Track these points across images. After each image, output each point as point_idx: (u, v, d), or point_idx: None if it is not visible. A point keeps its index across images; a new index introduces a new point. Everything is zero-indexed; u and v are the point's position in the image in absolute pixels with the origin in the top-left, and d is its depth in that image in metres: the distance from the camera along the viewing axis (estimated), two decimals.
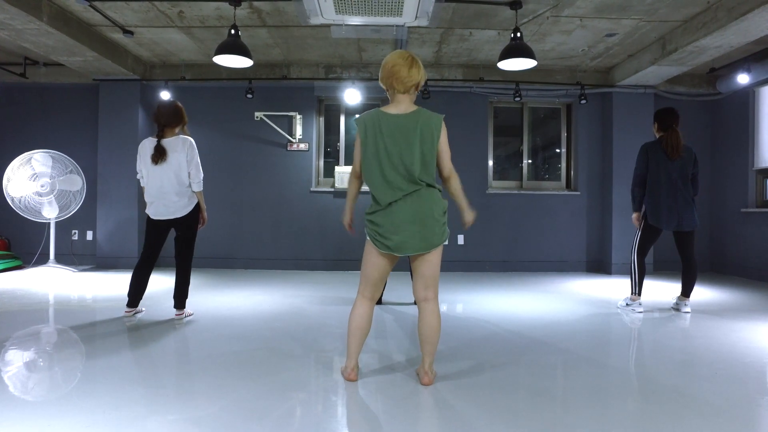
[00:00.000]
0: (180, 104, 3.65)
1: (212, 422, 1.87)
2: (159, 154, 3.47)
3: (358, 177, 2.37)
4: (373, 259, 2.29)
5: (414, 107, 2.26)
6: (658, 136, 4.07)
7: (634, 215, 4.10)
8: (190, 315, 3.72)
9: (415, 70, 2.23)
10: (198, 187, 3.58)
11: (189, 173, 3.54)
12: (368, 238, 2.29)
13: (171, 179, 3.48)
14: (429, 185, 2.23)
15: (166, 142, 3.53)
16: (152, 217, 3.55)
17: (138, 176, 3.63)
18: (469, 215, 2.36)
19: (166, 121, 3.55)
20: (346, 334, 2.33)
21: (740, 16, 4.18)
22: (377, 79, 6.51)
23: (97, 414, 1.93)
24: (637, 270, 4.03)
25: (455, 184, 2.33)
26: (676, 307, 4.09)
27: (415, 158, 2.18)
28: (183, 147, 3.53)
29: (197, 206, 3.61)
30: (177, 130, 3.61)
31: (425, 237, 2.20)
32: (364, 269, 2.33)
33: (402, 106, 2.25)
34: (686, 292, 4.03)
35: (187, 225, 3.58)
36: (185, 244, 3.60)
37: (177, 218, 3.53)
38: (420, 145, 2.19)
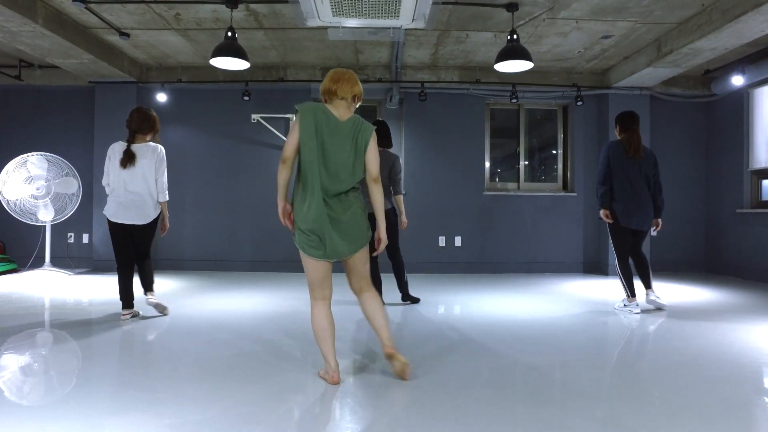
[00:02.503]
0: (154, 112, 3.68)
1: (210, 426, 1.86)
2: (128, 158, 3.50)
3: (287, 163, 2.27)
4: (310, 263, 2.34)
5: (350, 113, 2.38)
6: (619, 138, 4.14)
7: (603, 211, 4.07)
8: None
9: (357, 86, 2.39)
10: (163, 197, 3.62)
11: (156, 181, 3.57)
12: (299, 248, 2.33)
13: (138, 185, 3.51)
14: (353, 188, 2.37)
15: (136, 147, 3.56)
16: (112, 219, 3.55)
17: (104, 182, 3.60)
18: (383, 231, 2.44)
19: (137, 127, 3.59)
20: (319, 339, 2.38)
21: (735, 18, 4.20)
22: (374, 81, 6.55)
23: (93, 419, 1.92)
24: (623, 274, 4.10)
25: (377, 193, 2.39)
26: (648, 303, 4.16)
27: (347, 164, 2.30)
28: (153, 155, 3.57)
29: (159, 215, 3.66)
30: (148, 137, 3.64)
31: (354, 240, 2.33)
32: (306, 274, 2.38)
33: (341, 110, 2.35)
34: (649, 284, 4.14)
35: (146, 232, 3.62)
36: (143, 247, 3.64)
37: (137, 224, 3.55)
38: (354, 152, 2.32)
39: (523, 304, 4.46)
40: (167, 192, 3.66)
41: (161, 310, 3.77)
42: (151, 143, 3.62)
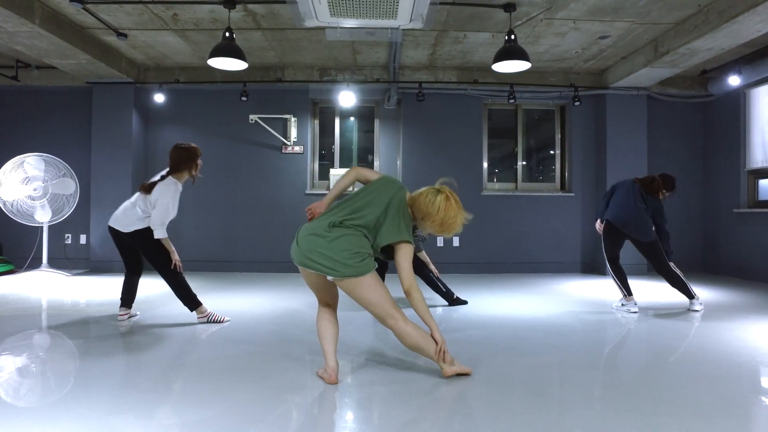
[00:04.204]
0: (195, 149, 3.53)
1: (210, 426, 1.86)
2: (145, 189, 3.44)
3: (358, 179, 2.46)
4: (300, 268, 2.36)
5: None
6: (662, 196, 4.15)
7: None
8: (204, 315, 3.61)
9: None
10: (157, 233, 3.39)
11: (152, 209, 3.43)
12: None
13: (139, 200, 3.45)
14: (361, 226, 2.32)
15: (162, 184, 3.44)
16: (108, 223, 3.56)
17: (167, 219, 3.47)
18: (437, 333, 2.39)
19: (170, 166, 3.50)
20: (320, 339, 2.44)
21: (731, 18, 4.22)
22: (372, 82, 6.56)
23: (92, 420, 1.91)
24: (615, 275, 4.13)
25: (417, 301, 2.34)
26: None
27: (376, 215, 2.36)
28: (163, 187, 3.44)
29: (144, 230, 3.45)
30: (185, 175, 3.53)
31: (324, 256, 2.20)
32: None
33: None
34: (691, 295, 4.10)
35: (136, 242, 3.49)
36: (149, 260, 3.52)
37: (122, 232, 3.47)
38: (384, 214, 2.37)
39: (521, 303, 4.47)
40: (161, 230, 3.41)
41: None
42: (176, 181, 3.48)
